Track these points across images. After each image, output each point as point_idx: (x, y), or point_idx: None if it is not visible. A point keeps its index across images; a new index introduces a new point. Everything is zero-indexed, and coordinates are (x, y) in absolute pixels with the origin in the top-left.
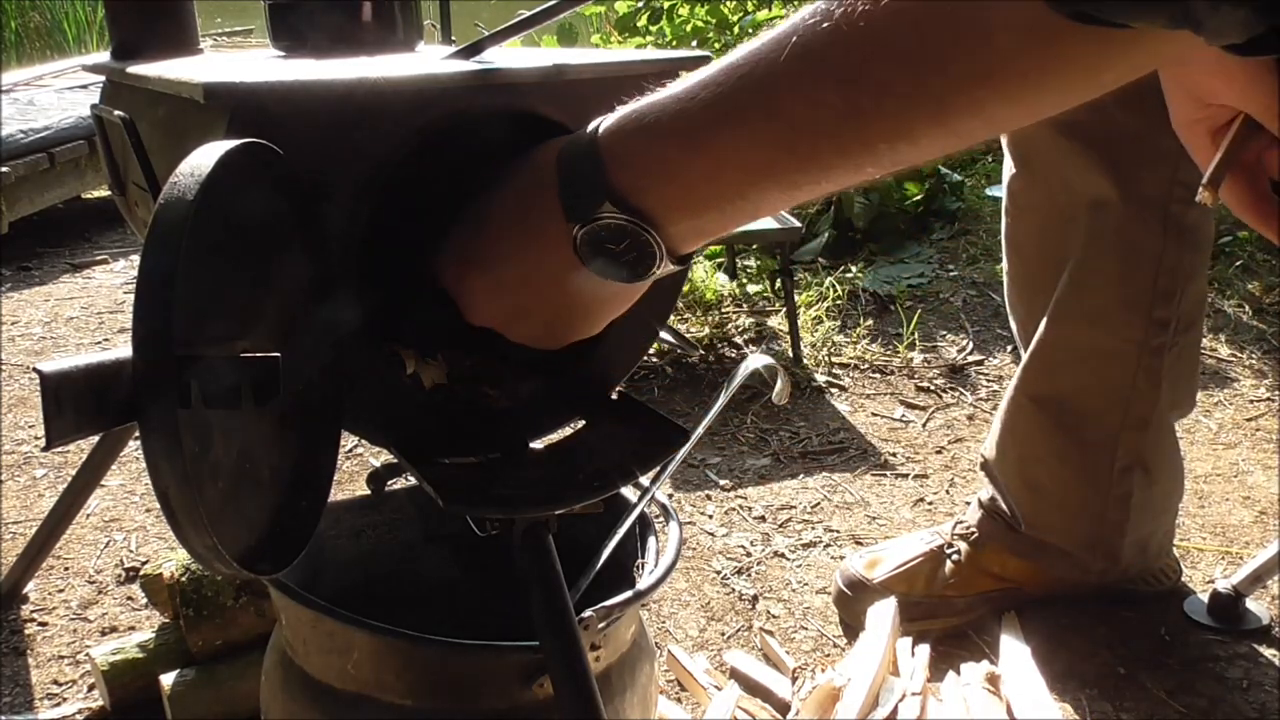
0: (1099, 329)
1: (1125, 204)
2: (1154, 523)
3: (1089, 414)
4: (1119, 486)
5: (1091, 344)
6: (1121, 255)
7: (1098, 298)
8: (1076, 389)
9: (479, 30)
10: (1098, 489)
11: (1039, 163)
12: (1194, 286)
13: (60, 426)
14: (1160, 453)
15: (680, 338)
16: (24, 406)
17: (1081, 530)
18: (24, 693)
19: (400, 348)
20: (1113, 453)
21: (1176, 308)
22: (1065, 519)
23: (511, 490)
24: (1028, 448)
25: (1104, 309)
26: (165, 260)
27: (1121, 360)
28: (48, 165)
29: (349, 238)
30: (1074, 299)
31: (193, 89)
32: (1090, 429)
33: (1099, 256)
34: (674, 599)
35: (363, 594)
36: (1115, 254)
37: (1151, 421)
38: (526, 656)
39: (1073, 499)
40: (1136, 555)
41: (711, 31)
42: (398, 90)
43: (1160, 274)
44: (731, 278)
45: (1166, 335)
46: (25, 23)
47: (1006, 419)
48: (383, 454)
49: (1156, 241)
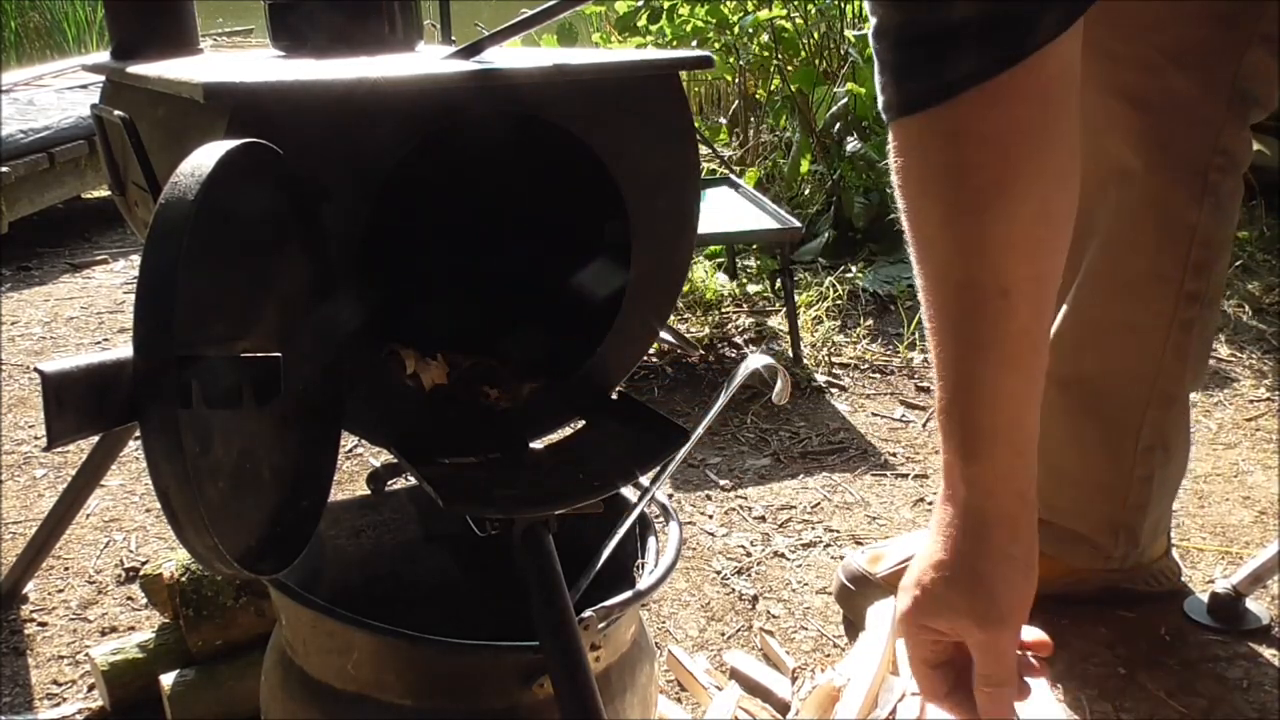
0: (1129, 303)
1: (1162, 171)
2: (1166, 501)
3: (1113, 393)
4: (1142, 467)
5: (1122, 319)
6: (1156, 224)
7: (1129, 271)
8: (1102, 368)
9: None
10: (1120, 471)
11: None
12: (1223, 261)
13: (61, 426)
14: (1179, 430)
15: (680, 338)
16: (24, 406)
17: (1102, 514)
18: (24, 693)
19: (400, 348)
20: (1137, 432)
21: (1207, 281)
22: (1084, 504)
23: (511, 490)
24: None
25: (1135, 282)
26: (166, 260)
27: (1151, 336)
28: (48, 165)
29: (349, 237)
30: (1105, 272)
31: (193, 89)
32: (1114, 409)
33: (1132, 227)
34: (674, 599)
35: (363, 594)
36: (1149, 223)
37: (1177, 398)
38: (526, 656)
39: (1093, 482)
40: (1152, 534)
41: (711, 31)
42: (398, 90)
43: (1195, 245)
44: (731, 278)
45: (1196, 309)
46: (25, 23)
47: None
48: (383, 454)
49: (1193, 211)
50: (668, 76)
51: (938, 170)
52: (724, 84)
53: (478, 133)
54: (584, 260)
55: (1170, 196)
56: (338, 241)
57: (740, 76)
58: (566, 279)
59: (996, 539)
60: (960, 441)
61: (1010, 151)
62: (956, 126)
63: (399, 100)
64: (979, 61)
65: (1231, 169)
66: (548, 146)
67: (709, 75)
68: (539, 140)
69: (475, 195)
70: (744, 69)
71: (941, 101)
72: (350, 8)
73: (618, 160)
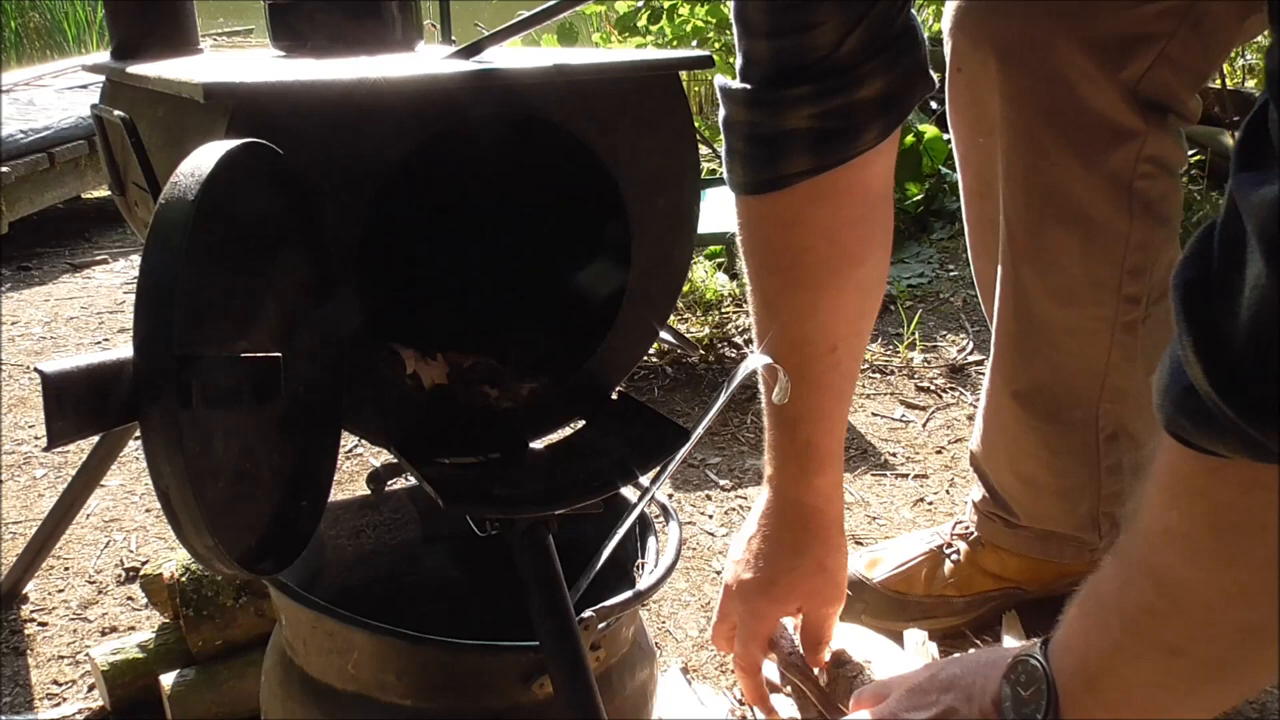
0: (1069, 309)
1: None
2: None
3: (1067, 394)
4: (1108, 457)
5: (1063, 324)
6: (1084, 235)
7: (1064, 277)
8: (1052, 373)
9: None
10: (1089, 465)
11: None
12: (1166, 257)
13: (61, 427)
14: (1143, 417)
15: (680, 338)
16: (24, 406)
17: (1081, 511)
18: (24, 693)
19: (400, 348)
20: (1095, 424)
21: (1148, 281)
22: (1063, 504)
23: (511, 490)
24: (1015, 443)
25: (1071, 288)
26: (166, 260)
27: (1095, 339)
28: (48, 165)
29: (349, 238)
30: (1041, 282)
31: (193, 89)
32: (1070, 409)
33: (1064, 236)
34: (674, 599)
35: (363, 594)
36: (1078, 233)
37: (1130, 392)
38: (526, 656)
39: (1066, 482)
40: None
41: (711, 31)
42: (398, 90)
43: (1129, 252)
44: (731, 278)
45: (1139, 310)
46: (25, 23)
47: (989, 417)
48: (383, 454)
49: (1124, 221)
50: (668, 76)
51: (779, 249)
52: None
53: (478, 133)
54: (584, 260)
55: (1096, 207)
56: (338, 241)
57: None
58: (566, 279)
59: (836, 538)
60: (806, 460)
61: (837, 237)
62: (793, 216)
63: (399, 100)
64: (810, 161)
65: (1160, 174)
66: (548, 146)
67: (709, 75)
68: (539, 140)
69: (475, 195)
70: None
71: (779, 189)
72: (350, 8)
73: (617, 160)
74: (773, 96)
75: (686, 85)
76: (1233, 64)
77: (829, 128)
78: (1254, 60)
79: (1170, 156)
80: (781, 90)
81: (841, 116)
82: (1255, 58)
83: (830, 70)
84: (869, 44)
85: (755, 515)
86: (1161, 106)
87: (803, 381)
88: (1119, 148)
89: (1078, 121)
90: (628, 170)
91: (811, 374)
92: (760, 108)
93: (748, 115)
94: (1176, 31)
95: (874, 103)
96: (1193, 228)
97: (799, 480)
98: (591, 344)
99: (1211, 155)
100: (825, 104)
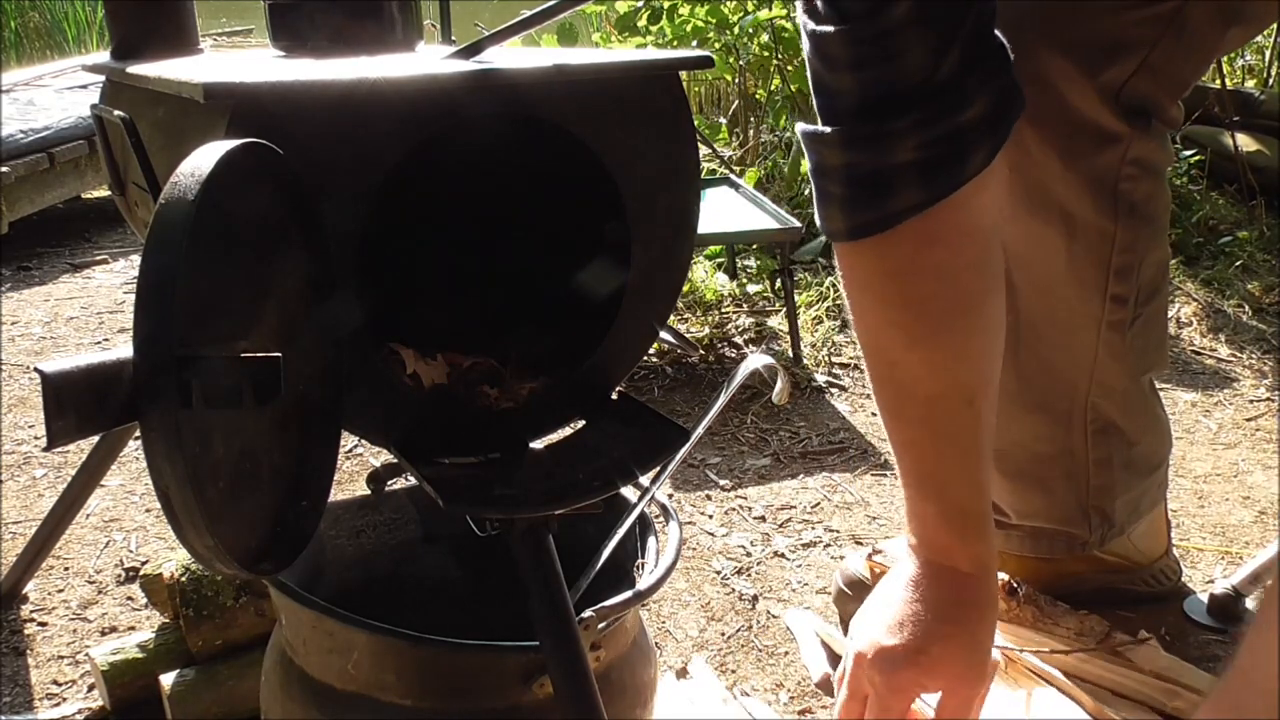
0: (1055, 305)
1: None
2: (1145, 480)
3: (1054, 386)
4: (1096, 450)
5: (1049, 319)
6: (1068, 234)
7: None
8: (1040, 366)
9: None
10: (1076, 459)
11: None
12: (1153, 257)
13: (61, 427)
14: (1134, 413)
15: (680, 338)
16: (24, 406)
17: (1070, 505)
18: (24, 693)
19: (400, 347)
20: (1084, 417)
21: (1135, 282)
22: (1051, 499)
23: (511, 490)
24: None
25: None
26: (166, 260)
27: (1081, 335)
28: (48, 165)
29: (349, 238)
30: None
31: (193, 89)
32: (1058, 399)
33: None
34: (674, 599)
35: (363, 594)
36: (1063, 233)
37: (1117, 389)
38: (526, 656)
39: (1053, 476)
40: (1129, 514)
41: (711, 31)
42: (398, 90)
43: (1115, 251)
44: (731, 278)
45: (1127, 309)
46: (25, 23)
47: None
48: (383, 454)
49: (1109, 222)
50: (668, 76)
51: (895, 303)
52: (724, 84)
53: (477, 133)
54: (584, 260)
55: (1080, 207)
56: (337, 241)
57: (740, 76)
58: (566, 279)
59: (990, 613)
60: (960, 527)
61: (959, 282)
62: (908, 265)
63: (399, 100)
64: (920, 194)
65: (1145, 175)
66: (548, 146)
67: (709, 75)
68: (539, 140)
69: (475, 195)
70: (744, 69)
71: (887, 229)
72: (350, 8)
73: (617, 160)
74: (871, 132)
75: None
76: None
77: (937, 155)
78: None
79: (1155, 158)
80: (881, 124)
81: (949, 142)
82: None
83: (934, 93)
84: (968, 61)
85: (896, 584)
86: (1145, 113)
87: (943, 440)
88: (1103, 150)
89: (1061, 123)
90: (628, 170)
91: (951, 431)
92: (859, 146)
93: (844, 157)
94: (1160, 40)
95: (980, 123)
96: (1191, 228)
97: (954, 549)
98: (591, 344)
99: (1211, 155)
100: (932, 131)
